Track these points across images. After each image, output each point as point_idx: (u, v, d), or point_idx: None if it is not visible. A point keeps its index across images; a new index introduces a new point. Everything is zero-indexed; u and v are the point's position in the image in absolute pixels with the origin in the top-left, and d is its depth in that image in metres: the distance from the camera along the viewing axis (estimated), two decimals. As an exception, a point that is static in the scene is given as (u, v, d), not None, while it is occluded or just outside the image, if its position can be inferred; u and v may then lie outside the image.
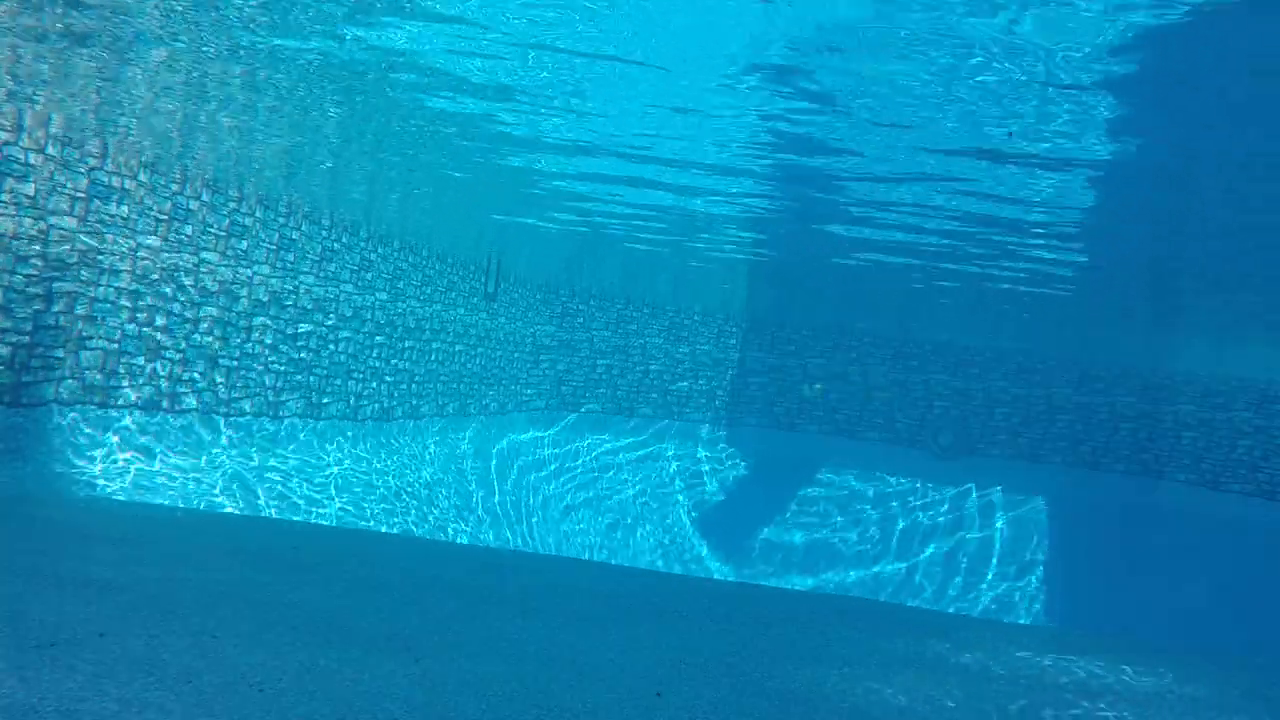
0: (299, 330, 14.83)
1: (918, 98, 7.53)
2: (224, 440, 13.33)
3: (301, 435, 15.00)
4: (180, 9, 6.90)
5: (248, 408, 13.83)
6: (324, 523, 13.76)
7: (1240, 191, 9.13)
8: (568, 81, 7.94)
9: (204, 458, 12.80)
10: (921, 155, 9.19)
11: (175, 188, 12.20)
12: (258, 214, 13.74)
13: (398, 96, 8.80)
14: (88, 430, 11.13)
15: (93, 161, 10.92)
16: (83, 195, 10.80)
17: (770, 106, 8.06)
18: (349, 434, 16.27)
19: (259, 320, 13.95)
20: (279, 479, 13.79)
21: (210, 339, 13.05)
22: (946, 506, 23.54)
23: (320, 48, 7.46)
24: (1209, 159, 8.30)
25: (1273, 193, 9.12)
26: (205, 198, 12.72)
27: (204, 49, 7.68)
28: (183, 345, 12.58)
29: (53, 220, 10.43)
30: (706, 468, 24.59)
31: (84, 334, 11.04)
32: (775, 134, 8.88)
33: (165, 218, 12.09)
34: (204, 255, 12.78)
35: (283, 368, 14.54)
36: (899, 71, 6.98)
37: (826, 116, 8.20)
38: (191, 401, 12.79)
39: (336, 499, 14.68)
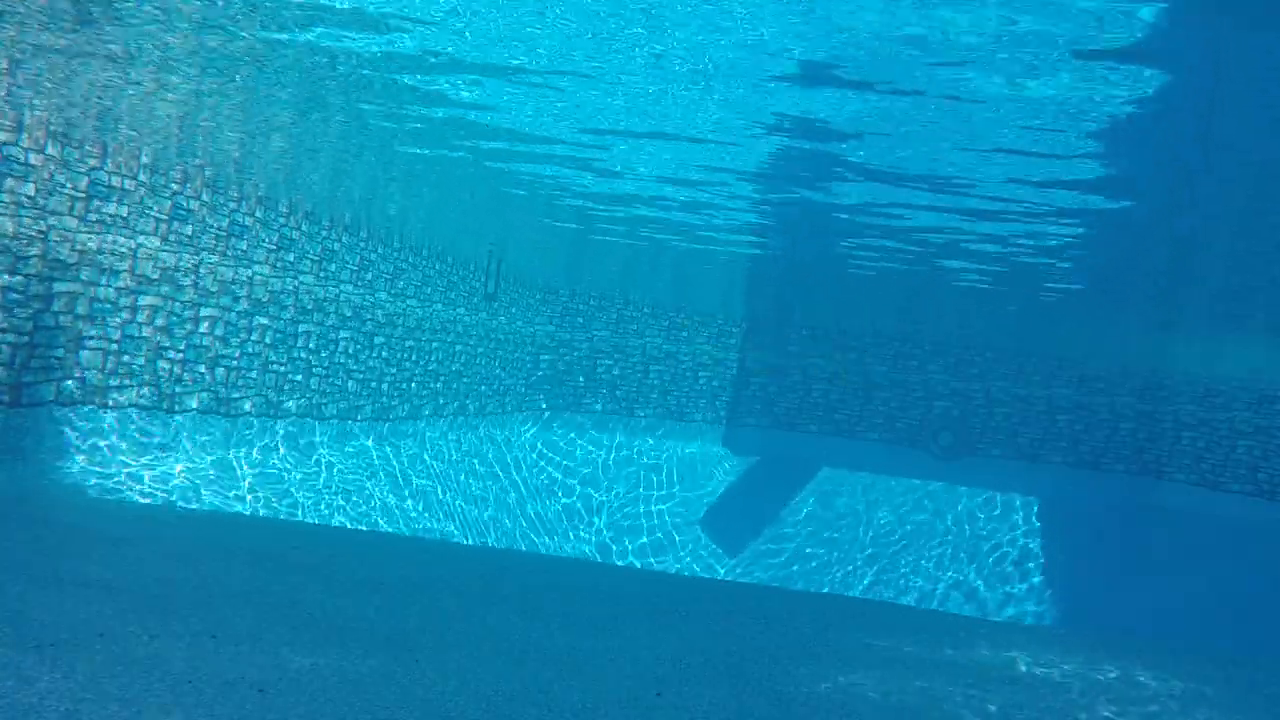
0: (299, 330, 14.84)
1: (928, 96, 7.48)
2: (224, 439, 13.33)
3: (302, 435, 15.00)
4: None
5: (248, 407, 13.83)
6: (323, 523, 13.76)
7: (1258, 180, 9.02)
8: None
9: (204, 458, 12.80)
10: (932, 151, 9.11)
11: (175, 188, 12.20)
12: (247, 209, 13.73)
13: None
14: (88, 430, 11.13)
15: (93, 161, 10.92)
16: (83, 195, 10.80)
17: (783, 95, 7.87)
18: (349, 434, 16.27)
19: (259, 320, 13.95)
20: (279, 479, 13.79)
21: (211, 339, 13.05)
22: (946, 506, 23.54)
23: None
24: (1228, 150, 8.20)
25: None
26: (205, 197, 12.72)
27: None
28: (182, 345, 12.58)
29: (53, 220, 10.43)
30: (706, 467, 24.59)
31: (84, 334, 11.04)
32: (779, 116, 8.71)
33: (165, 218, 12.09)
34: (204, 255, 12.78)
35: (283, 368, 14.55)
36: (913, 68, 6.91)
37: (837, 104, 8.10)
38: (192, 402, 12.79)
39: (338, 499, 14.67)
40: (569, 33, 6.73)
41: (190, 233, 12.51)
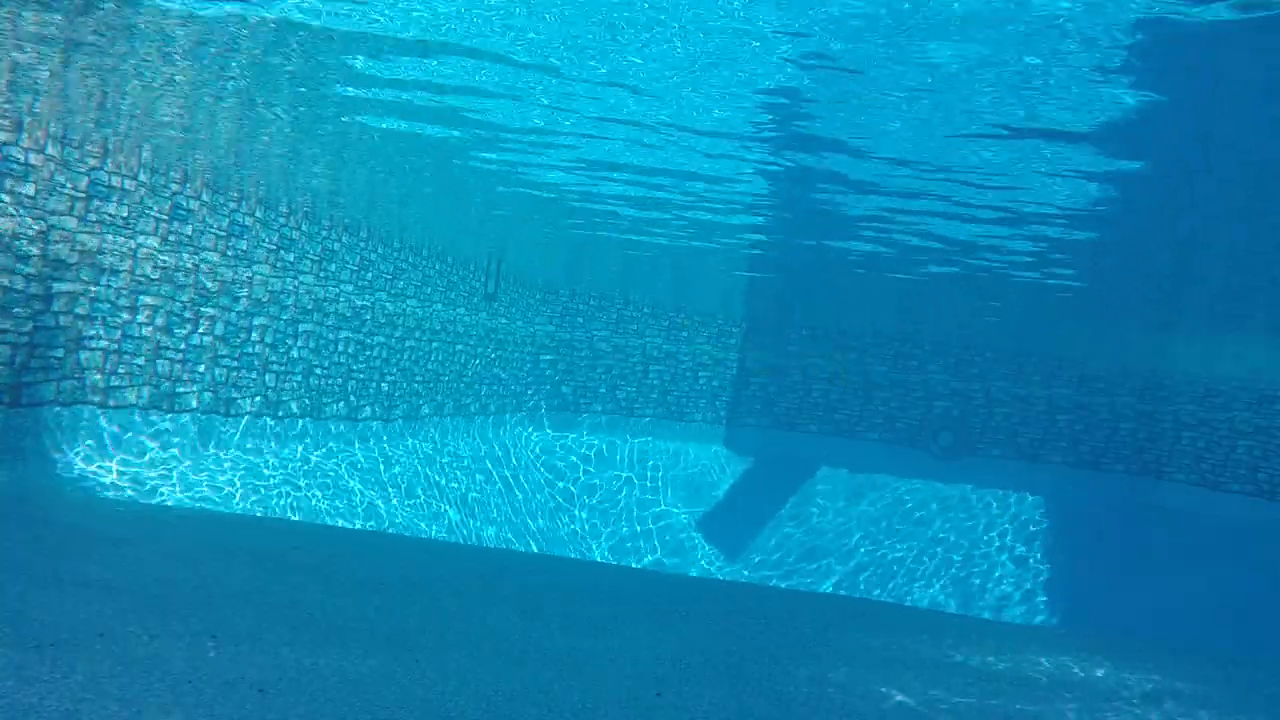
0: (298, 330, 14.84)
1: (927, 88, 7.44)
2: (224, 439, 13.33)
3: (303, 435, 15.00)
4: None
5: (247, 407, 13.83)
6: (320, 522, 13.75)
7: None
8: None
9: (204, 457, 12.79)
10: (931, 144, 9.06)
11: (175, 188, 12.20)
12: (249, 209, 13.73)
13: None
14: (88, 430, 11.13)
15: (93, 161, 10.92)
16: (83, 195, 10.80)
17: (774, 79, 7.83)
18: (349, 434, 16.27)
19: (258, 320, 13.95)
20: (280, 480, 13.79)
21: (210, 338, 13.05)
22: (946, 507, 23.54)
23: None
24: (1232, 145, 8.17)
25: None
26: (205, 197, 12.72)
27: None
28: (182, 345, 12.58)
29: (53, 220, 10.43)
30: (706, 467, 24.59)
31: (84, 334, 11.04)
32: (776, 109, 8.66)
33: (165, 218, 12.09)
34: (204, 255, 12.77)
35: (283, 368, 14.55)
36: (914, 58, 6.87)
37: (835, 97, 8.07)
38: (192, 401, 12.79)
39: (336, 499, 14.67)
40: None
41: (190, 233, 12.51)
